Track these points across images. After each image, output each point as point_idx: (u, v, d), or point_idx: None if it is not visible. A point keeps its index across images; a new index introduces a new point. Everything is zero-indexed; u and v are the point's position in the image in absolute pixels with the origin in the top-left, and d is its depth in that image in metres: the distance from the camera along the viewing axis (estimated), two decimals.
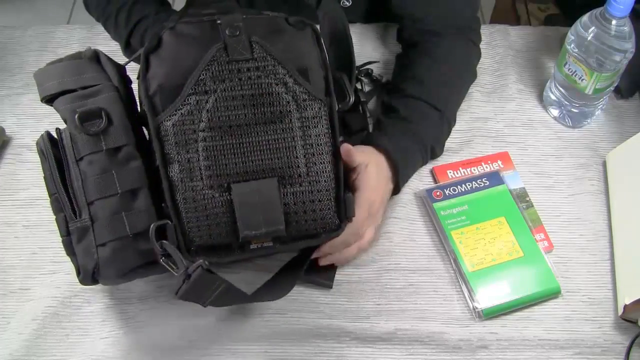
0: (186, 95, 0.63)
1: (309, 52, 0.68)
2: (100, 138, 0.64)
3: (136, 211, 0.65)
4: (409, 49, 0.94)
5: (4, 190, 0.86)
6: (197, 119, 0.64)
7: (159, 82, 0.64)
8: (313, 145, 0.67)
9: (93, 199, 0.64)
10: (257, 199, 0.65)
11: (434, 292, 0.79)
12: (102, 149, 0.64)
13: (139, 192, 0.65)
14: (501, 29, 1.06)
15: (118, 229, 0.64)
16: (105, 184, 0.64)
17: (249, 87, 0.64)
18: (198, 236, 0.66)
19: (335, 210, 0.69)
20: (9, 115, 0.94)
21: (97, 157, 0.64)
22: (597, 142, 0.93)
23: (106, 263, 0.64)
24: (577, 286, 0.80)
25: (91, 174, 0.64)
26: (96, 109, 0.65)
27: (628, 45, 0.83)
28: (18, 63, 1.00)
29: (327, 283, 0.78)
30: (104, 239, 0.64)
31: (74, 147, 0.65)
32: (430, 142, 0.86)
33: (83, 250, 0.65)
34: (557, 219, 0.85)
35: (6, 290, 0.78)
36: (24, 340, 0.74)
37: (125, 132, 0.66)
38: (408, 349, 0.75)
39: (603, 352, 0.75)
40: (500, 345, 0.75)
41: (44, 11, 2.18)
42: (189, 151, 0.64)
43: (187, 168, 0.64)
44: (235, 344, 0.74)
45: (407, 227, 0.84)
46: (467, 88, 0.94)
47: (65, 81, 0.67)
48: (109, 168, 0.64)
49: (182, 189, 0.65)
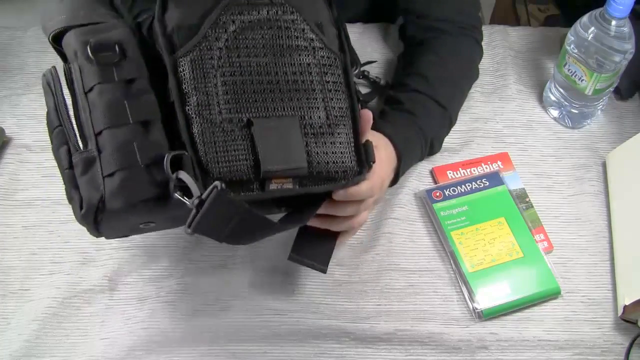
0: (204, 33, 0.62)
1: (322, 9, 0.68)
2: (112, 69, 0.61)
3: (148, 141, 0.60)
4: (413, 46, 0.95)
5: (3, 190, 0.86)
6: (216, 55, 0.62)
7: (176, 22, 0.62)
8: (331, 91, 0.67)
9: (101, 129, 0.60)
10: (278, 135, 0.63)
11: (433, 292, 0.79)
12: (114, 79, 0.61)
13: (152, 124, 0.61)
14: (501, 29, 1.06)
15: (128, 158, 0.59)
16: (116, 112, 0.60)
17: (268, 27, 0.64)
18: (217, 170, 0.61)
19: (355, 156, 0.68)
20: (8, 116, 0.94)
21: (107, 87, 0.61)
22: (597, 143, 0.93)
23: (113, 193, 0.58)
24: (576, 287, 0.80)
25: (101, 103, 0.60)
26: (110, 40, 0.62)
27: (628, 46, 0.83)
28: (18, 64, 1.00)
29: (321, 267, 0.75)
30: (111, 168, 0.59)
31: (83, 79, 0.61)
32: (431, 137, 0.86)
33: (87, 182, 0.59)
34: (557, 220, 0.85)
35: (6, 290, 0.78)
36: (23, 340, 0.74)
37: (139, 66, 0.63)
38: (408, 349, 0.75)
39: (603, 352, 0.75)
40: (500, 346, 0.75)
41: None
42: (207, 85, 0.62)
43: (205, 101, 0.62)
44: (235, 344, 0.74)
45: (406, 228, 0.84)
46: (470, 87, 0.95)
47: (77, 15, 0.65)
48: (120, 98, 0.60)
49: (199, 122, 0.61)
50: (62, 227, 0.82)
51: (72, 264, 0.80)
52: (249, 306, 0.77)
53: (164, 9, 0.63)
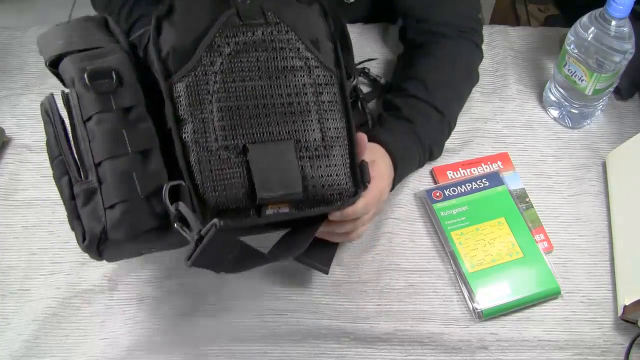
0: (199, 57, 0.63)
1: (317, 24, 0.68)
2: (110, 97, 0.61)
3: (147, 171, 0.61)
4: (413, 49, 0.94)
5: (3, 190, 0.86)
6: (211, 80, 0.63)
7: (171, 45, 0.63)
8: (327, 111, 0.67)
9: (101, 159, 0.61)
10: (274, 161, 0.64)
11: (433, 292, 0.79)
12: (112, 108, 0.61)
13: (151, 153, 0.62)
14: (501, 29, 1.06)
15: (128, 189, 0.60)
16: (115, 143, 0.61)
17: (263, 49, 0.64)
18: (214, 198, 0.63)
19: (350, 177, 0.68)
20: (8, 116, 0.94)
21: (106, 117, 0.61)
22: (597, 143, 0.93)
23: (115, 225, 0.60)
24: (576, 287, 0.80)
25: (99, 133, 0.61)
26: (107, 67, 0.62)
27: (628, 46, 0.83)
28: (18, 64, 1.00)
29: (323, 268, 0.76)
30: (112, 200, 0.60)
31: (82, 107, 0.62)
32: (429, 144, 0.86)
33: (89, 213, 0.61)
34: (557, 220, 0.85)
35: (6, 290, 0.78)
36: (23, 340, 0.74)
37: (136, 92, 0.63)
38: (408, 349, 0.75)
39: (603, 352, 0.75)
40: (500, 346, 0.75)
41: (44, 12, 2.18)
42: (203, 111, 0.62)
43: (201, 129, 0.62)
44: (235, 344, 0.74)
45: (406, 228, 0.84)
46: (470, 91, 0.94)
47: (74, 41, 0.65)
48: (119, 127, 0.61)
49: (195, 150, 0.62)
50: (62, 227, 0.82)
51: (72, 264, 0.80)
52: (249, 306, 0.77)
53: (159, 31, 0.64)
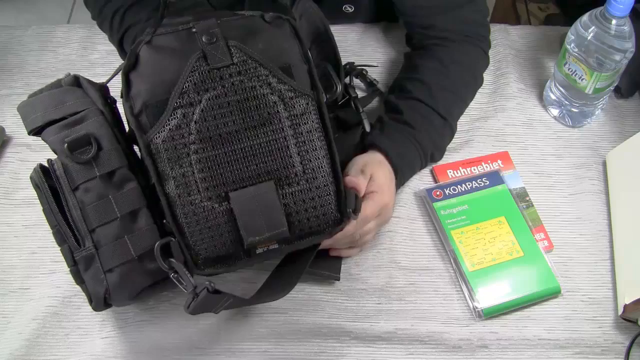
0: (172, 110, 0.63)
1: (289, 47, 0.67)
2: (92, 164, 0.65)
3: (138, 232, 0.65)
4: (417, 50, 0.93)
5: (4, 189, 0.86)
6: (186, 132, 0.63)
7: (143, 100, 0.63)
8: (306, 142, 0.66)
9: (94, 227, 0.65)
10: (256, 204, 0.65)
11: (434, 291, 0.79)
12: (96, 175, 0.65)
13: (139, 212, 0.66)
14: (501, 28, 1.06)
15: (123, 253, 0.65)
16: (104, 210, 0.65)
17: (233, 93, 0.64)
18: (203, 249, 0.66)
19: (336, 204, 0.69)
20: (9, 115, 0.94)
21: (92, 184, 0.65)
22: (597, 142, 0.93)
23: (116, 288, 0.65)
24: (577, 286, 0.80)
25: (88, 201, 0.65)
26: (84, 135, 0.65)
27: (628, 45, 0.83)
28: (18, 63, 1.00)
29: (334, 276, 0.77)
30: (110, 264, 0.65)
31: (68, 176, 0.65)
32: (430, 150, 0.85)
33: (91, 277, 0.66)
34: (557, 219, 0.85)
35: (6, 289, 0.78)
36: (24, 339, 0.74)
37: (117, 154, 0.66)
38: (408, 348, 0.75)
39: (603, 351, 0.75)
40: (500, 345, 0.75)
41: (44, 11, 2.18)
42: (182, 165, 0.63)
43: (182, 183, 0.64)
44: (235, 343, 0.74)
45: (407, 227, 0.84)
46: (473, 96, 0.93)
47: (49, 112, 0.67)
48: (105, 193, 0.65)
49: (180, 204, 0.64)
50: None
51: None
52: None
53: (129, 86, 0.64)
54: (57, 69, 0.99)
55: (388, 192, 0.78)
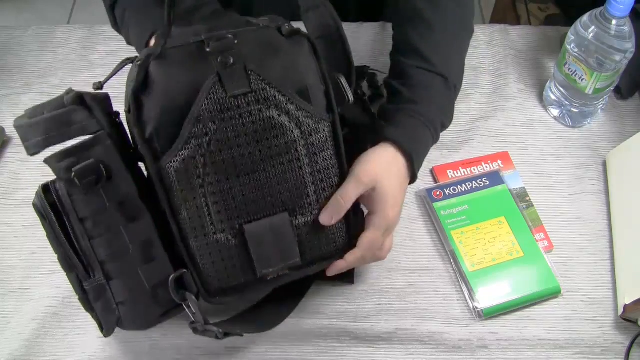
0: (185, 138, 0.59)
1: (307, 68, 0.64)
2: (101, 194, 0.60)
3: (151, 263, 0.63)
4: (403, 23, 0.85)
5: (4, 189, 0.86)
6: (200, 163, 0.60)
7: (154, 125, 0.59)
8: (321, 171, 0.64)
9: (104, 258, 0.62)
10: (271, 237, 0.63)
11: (434, 291, 0.79)
12: (105, 205, 0.61)
13: (152, 243, 0.63)
14: (501, 28, 1.06)
15: (135, 285, 0.63)
16: (116, 242, 0.62)
17: (252, 123, 0.60)
18: (216, 280, 0.65)
19: (345, 232, 0.68)
20: (8, 115, 0.94)
21: (101, 217, 0.61)
22: (597, 142, 0.93)
23: (129, 318, 0.64)
24: (577, 286, 0.80)
25: (98, 233, 0.61)
26: (93, 163, 0.60)
27: (628, 45, 0.83)
28: (18, 63, 1.00)
29: (348, 280, 0.78)
30: (122, 297, 0.63)
31: (75, 206, 0.61)
32: (439, 119, 0.78)
33: (103, 307, 0.64)
34: (557, 219, 0.85)
35: (6, 290, 0.78)
36: (24, 340, 0.74)
37: (127, 183, 0.62)
38: (408, 348, 0.75)
39: (603, 351, 0.75)
40: (500, 345, 0.75)
41: (44, 11, 2.18)
42: (196, 197, 0.61)
43: (196, 215, 0.61)
44: (235, 343, 0.74)
45: (407, 227, 0.84)
46: (468, 44, 0.87)
47: (52, 136, 0.60)
48: (115, 224, 0.61)
49: (193, 236, 0.62)
50: None
51: None
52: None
53: (139, 108, 0.59)
54: (57, 69, 0.99)
55: (393, 201, 0.71)
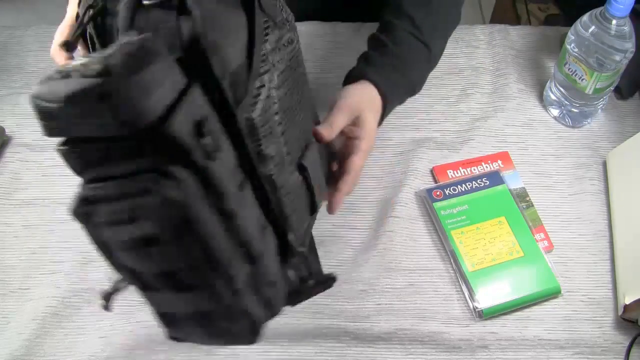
0: (258, 77, 0.53)
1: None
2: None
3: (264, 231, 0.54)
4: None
5: (4, 189, 0.86)
6: (272, 102, 0.54)
7: (225, 67, 0.48)
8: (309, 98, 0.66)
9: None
10: (318, 168, 0.65)
11: (434, 291, 0.79)
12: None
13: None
14: (501, 28, 1.06)
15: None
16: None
17: (290, 55, 0.58)
18: (296, 229, 0.60)
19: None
20: (9, 115, 0.94)
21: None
22: (597, 142, 0.93)
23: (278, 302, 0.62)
24: (577, 286, 0.80)
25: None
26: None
27: (628, 45, 0.83)
28: (18, 63, 1.00)
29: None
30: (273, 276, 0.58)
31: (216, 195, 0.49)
32: (414, 83, 0.82)
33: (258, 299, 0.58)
34: (557, 219, 0.85)
35: (6, 290, 0.78)
36: (24, 340, 0.74)
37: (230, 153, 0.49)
38: (408, 348, 0.75)
39: (603, 351, 0.75)
40: (500, 345, 0.75)
41: (44, 11, 2.18)
42: (274, 141, 0.55)
43: (279, 161, 0.55)
44: None
45: (407, 227, 0.84)
46: (453, 29, 0.87)
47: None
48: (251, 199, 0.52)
49: (280, 184, 0.55)
50: (62, 226, 0.82)
51: (72, 264, 0.80)
52: None
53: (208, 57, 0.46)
54: None
55: (373, 132, 0.75)
